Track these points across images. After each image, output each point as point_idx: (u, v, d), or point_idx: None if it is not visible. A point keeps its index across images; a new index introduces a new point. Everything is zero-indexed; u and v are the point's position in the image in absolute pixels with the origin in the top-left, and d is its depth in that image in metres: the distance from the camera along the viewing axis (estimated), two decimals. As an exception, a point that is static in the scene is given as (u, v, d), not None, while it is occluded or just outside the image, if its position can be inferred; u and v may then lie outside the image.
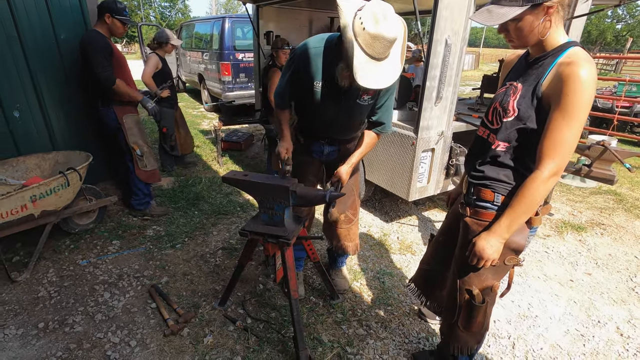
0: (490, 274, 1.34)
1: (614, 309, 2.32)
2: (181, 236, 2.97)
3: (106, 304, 2.18)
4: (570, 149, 1.09)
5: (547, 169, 1.11)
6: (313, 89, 1.70)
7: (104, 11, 2.71)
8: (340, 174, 1.85)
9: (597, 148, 3.09)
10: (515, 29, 1.13)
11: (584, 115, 1.06)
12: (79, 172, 2.49)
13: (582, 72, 1.03)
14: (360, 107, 1.75)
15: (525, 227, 1.27)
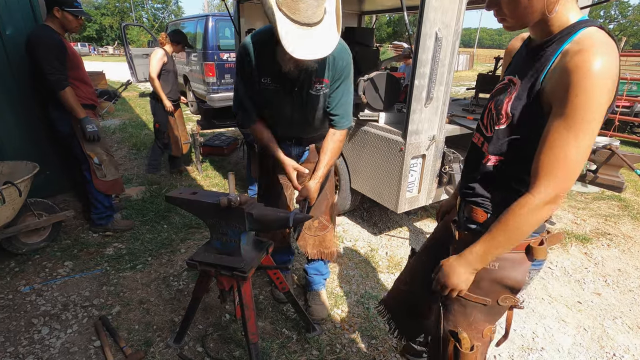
0: (482, 315, 1.07)
1: (630, 338, 2.03)
2: (144, 255, 2.65)
3: (42, 343, 1.86)
4: (575, 169, 0.80)
5: (543, 194, 0.82)
6: (262, 86, 1.57)
7: (52, 4, 2.39)
8: (309, 191, 1.60)
9: (603, 152, 2.81)
10: (508, 1, 0.85)
11: (596, 124, 0.77)
12: (17, 187, 2.17)
13: (594, 65, 0.73)
14: (315, 99, 1.59)
15: (524, 259, 0.99)
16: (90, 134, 2.61)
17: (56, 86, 2.41)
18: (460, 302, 1.07)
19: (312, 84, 1.54)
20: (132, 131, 6.32)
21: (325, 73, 1.54)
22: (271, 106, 1.63)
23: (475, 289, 1.03)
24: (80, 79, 2.61)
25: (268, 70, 1.52)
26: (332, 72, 1.55)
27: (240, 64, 1.57)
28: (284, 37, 1.20)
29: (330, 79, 1.56)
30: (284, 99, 1.59)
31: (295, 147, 1.81)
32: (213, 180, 4.25)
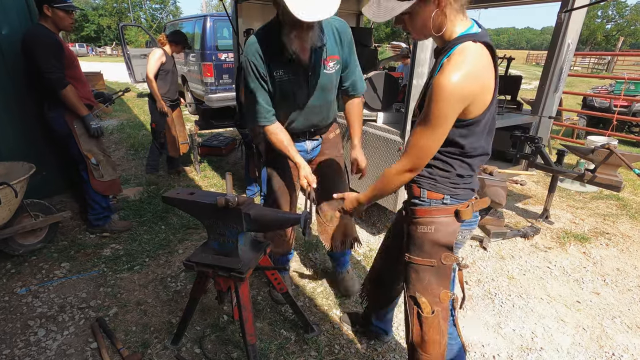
0: (434, 277, 1.24)
1: (629, 338, 2.03)
2: (142, 256, 2.64)
3: (38, 345, 1.84)
4: (426, 154, 1.09)
5: (403, 165, 1.13)
6: (276, 80, 1.60)
7: (41, 3, 2.37)
8: (360, 161, 1.83)
9: (601, 152, 2.82)
10: (409, 22, 1.07)
11: (444, 125, 1.03)
12: (13, 187, 2.15)
13: (445, 81, 0.97)
14: (329, 78, 1.67)
15: (454, 221, 1.19)
16: (94, 131, 2.60)
17: (57, 85, 2.40)
18: (414, 268, 1.26)
19: (324, 63, 1.60)
20: (130, 132, 6.30)
21: (335, 50, 1.62)
22: (289, 99, 1.66)
23: (420, 253, 1.23)
24: (77, 77, 2.59)
25: (278, 63, 1.56)
26: (340, 48, 1.64)
27: (252, 66, 1.57)
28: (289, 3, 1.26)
29: (340, 55, 1.65)
30: (300, 87, 1.63)
31: (309, 142, 1.86)
32: (211, 181, 4.24)
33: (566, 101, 8.71)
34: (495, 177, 2.25)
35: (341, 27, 1.63)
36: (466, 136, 1.09)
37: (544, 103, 3.27)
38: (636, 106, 6.16)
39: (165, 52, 3.80)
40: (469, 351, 1.90)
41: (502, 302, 2.28)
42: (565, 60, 3.14)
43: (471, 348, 1.92)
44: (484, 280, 2.49)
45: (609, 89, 6.83)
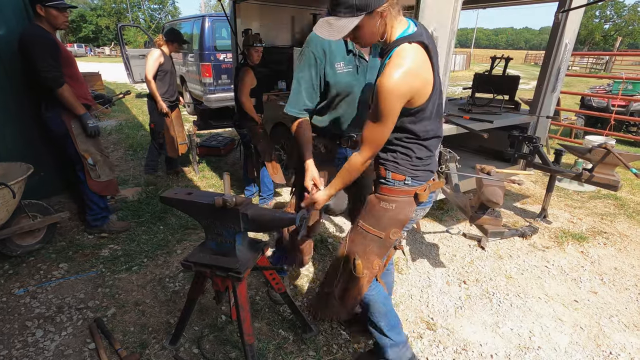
0: (375, 247, 1.43)
1: (626, 336, 2.04)
2: (140, 256, 2.64)
3: (36, 345, 1.84)
4: (380, 143, 1.27)
5: (364, 156, 1.29)
6: (337, 72, 1.57)
7: (33, 3, 2.36)
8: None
9: (599, 151, 2.82)
10: (358, 33, 1.18)
11: (390, 119, 1.19)
12: (11, 188, 2.15)
13: (386, 82, 1.12)
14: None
15: (413, 202, 1.37)
16: (92, 130, 2.60)
17: (53, 84, 2.40)
18: (363, 234, 1.42)
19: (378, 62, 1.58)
20: (129, 132, 6.29)
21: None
22: (345, 92, 1.61)
23: (376, 224, 1.39)
24: (73, 77, 2.58)
25: (341, 55, 1.56)
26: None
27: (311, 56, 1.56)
28: None
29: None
30: (358, 81, 1.60)
31: (350, 150, 1.76)
32: (210, 181, 4.23)
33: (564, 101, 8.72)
34: (492, 177, 2.25)
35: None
36: (415, 122, 1.26)
37: (542, 103, 3.28)
38: (634, 106, 6.18)
39: (163, 52, 3.80)
40: (467, 350, 1.90)
41: (500, 301, 2.29)
42: (562, 60, 3.15)
43: (469, 347, 1.92)
44: (482, 279, 2.50)
45: (607, 89, 6.85)
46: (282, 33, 5.20)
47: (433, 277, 2.52)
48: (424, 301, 2.27)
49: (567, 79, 13.37)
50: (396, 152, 1.34)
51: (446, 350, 1.90)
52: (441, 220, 3.36)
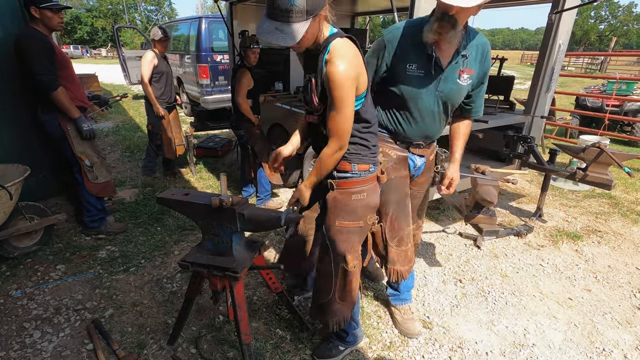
0: (356, 236, 1.53)
1: (619, 333, 2.06)
2: (137, 257, 2.64)
3: (34, 347, 1.85)
4: (346, 133, 1.32)
5: (332, 146, 1.34)
6: (407, 74, 1.52)
7: (28, 5, 2.36)
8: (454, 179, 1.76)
9: (592, 151, 2.86)
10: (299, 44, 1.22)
11: (349, 106, 1.26)
12: (8, 190, 2.15)
13: (336, 70, 1.20)
14: (459, 89, 1.57)
15: (377, 185, 1.53)
16: (87, 133, 2.60)
17: (48, 87, 2.40)
18: (343, 231, 1.48)
19: (459, 73, 1.53)
20: (126, 134, 6.29)
21: (474, 65, 1.54)
22: (413, 97, 1.56)
23: (354, 217, 1.47)
24: (69, 79, 2.59)
25: (416, 56, 1.50)
26: (479, 64, 1.56)
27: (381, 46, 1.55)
28: None
29: (477, 71, 1.56)
30: (428, 89, 1.54)
31: (418, 158, 1.75)
32: (207, 182, 4.24)
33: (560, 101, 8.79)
34: (487, 177, 2.27)
35: (486, 45, 1.56)
36: (365, 110, 1.37)
37: (536, 103, 3.31)
38: (628, 105, 6.23)
39: (157, 54, 3.79)
40: (463, 348, 1.92)
41: (496, 299, 2.31)
42: (556, 61, 3.18)
43: (465, 345, 1.94)
44: (477, 278, 2.52)
45: (602, 89, 6.91)
46: (278, 34, 5.22)
47: (429, 276, 2.54)
48: (420, 300, 2.29)
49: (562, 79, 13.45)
50: (356, 145, 1.42)
51: (442, 348, 1.92)
52: (437, 219, 3.39)
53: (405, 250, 1.78)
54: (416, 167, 1.78)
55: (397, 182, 1.70)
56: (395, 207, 1.71)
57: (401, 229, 1.75)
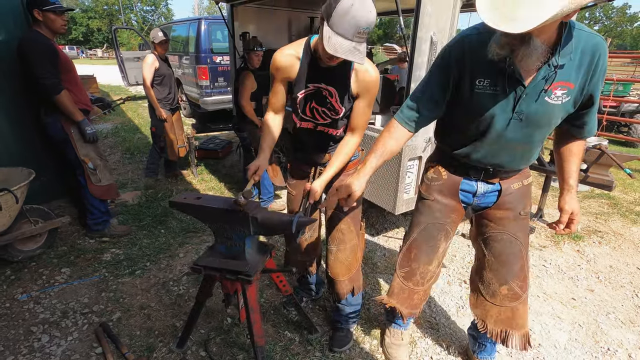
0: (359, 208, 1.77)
1: (623, 333, 2.09)
2: (143, 260, 2.64)
3: (42, 351, 1.84)
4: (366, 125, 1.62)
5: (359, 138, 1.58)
6: (475, 91, 1.21)
7: (31, 7, 2.36)
8: (574, 212, 1.31)
9: (593, 152, 2.89)
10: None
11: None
12: (14, 193, 2.14)
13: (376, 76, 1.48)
14: (550, 110, 1.18)
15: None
16: (90, 136, 2.60)
17: (52, 90, 2.39)
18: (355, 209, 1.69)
19: (550, 88, 1.14)
20: (125, 135, 6.27)
21: (572, 75, 1.13)
22: (481, 119, 1.25)
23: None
24: (73, 82, 2.59)
25: (488, 69, 1.17)
26: (582, 74, 1.14)
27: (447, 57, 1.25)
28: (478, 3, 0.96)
29: (578, 84, 1.15)
30: (503, 110, 1.20)
31: (482, 184, 1.41)
32: (209, 184, 4.24)
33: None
34: None
35: (597, 47, 1.12)
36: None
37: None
38: (625, 107, 6.30)
39: (157, 56, 3.78)
40: (470, 349, 1.94)
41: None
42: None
43: (472, 346, 1.96)
44: (481, 279, 2.54)
45: (598, 90, 6.98)
46: (279, 36, 5.23)
47: (434, 277, 2.55)
48: (426, 301, 2.30)
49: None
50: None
51: (450, 349, 1.93)
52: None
53: (411, 289, 1.58)
54: (477, 194, 1.43)
55: (434, 206, 1.50)
56: (421, 232, 1.53)
57: (416, 261, 1.55)
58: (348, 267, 1.75)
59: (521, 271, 1.46)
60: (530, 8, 0.88)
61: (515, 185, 1.42)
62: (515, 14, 0.89)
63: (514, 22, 0.89)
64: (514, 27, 0.90)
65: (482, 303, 1.54)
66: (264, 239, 2.93)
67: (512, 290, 1.46)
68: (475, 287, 1.58)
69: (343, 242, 1.72)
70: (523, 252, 1.45)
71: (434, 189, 1.50)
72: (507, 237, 1.43)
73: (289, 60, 1.49)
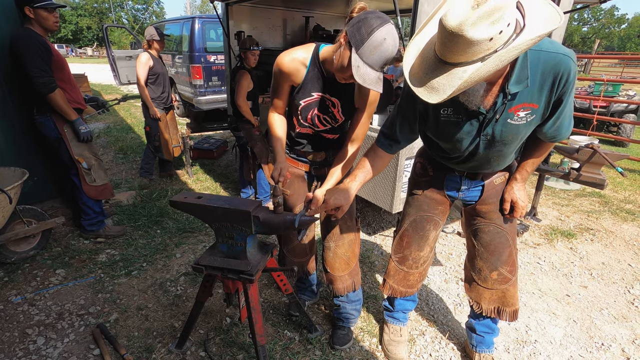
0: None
1: (616, 328, 2.13)
2: (139, 261, 2.62)
3: (38, 353, 1.81)
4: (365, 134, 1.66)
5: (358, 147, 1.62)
6: (441, 120, 1.26)
7: (21, 5, 2.32)
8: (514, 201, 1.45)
9: (586, 151, 2.94)
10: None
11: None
12: (7, 194, 2.11)
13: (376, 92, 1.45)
14: (515, 130, 1.22)
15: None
16: (84, 135, 2.57)
17: (44, 89, 2.36)
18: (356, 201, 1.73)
19: (512, 111, 1.17)
20: (118, 135, 6.19)
21: (535, 97, 1.15)
22: (450, 142, 1.32)
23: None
24: (66, 80, 2.55)
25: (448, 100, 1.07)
26: (544, 95, 1.15)
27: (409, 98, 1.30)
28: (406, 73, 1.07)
29: (541, 104, 1.17)
30: (469, 134, 1.26)
31: (466, 181, 1.50)
32: (204, 184, 4.22)
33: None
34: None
35: (557, 67, 1.10)
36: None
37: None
38: (614, 107, 6.42)
39: (151, 55, 3.75)
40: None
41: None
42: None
43: (469, 342, 1.98)
44: (478, 276, 2.57)
45: (588, 90, 7.10)
46: (274, 35, 5.22)
47: (431, 275, 2.58)
48: (424, 299, 2.33)
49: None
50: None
51: (448, 347, 1.95)
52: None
53: (406, 271, 1.69)
54: (462, 189, 1.52)
55: (422, 200, 1.59)
56: (411, 223, 1.63)
57: (408, 248, 1.66)
58: (347, 261, 1.77)
59: (509, 257, 1.56)
60: (443, 77, 0.97)
61: (498, 181, 1.50)
62: (432, 84, 0.99)
63: (431, 90, 0.99)
64: (432, 97, 0.99)
65: (476, 287, 1.65)
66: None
67: (502, 275, 1.58)
68: (469, 274, 1.69)
69: (341, 237, 1.74)
70: (510, 241, 1.55)
71: (421, 184, 1.60)
72: (493, 228, 1.53)
73: (295, 66, 1.49)
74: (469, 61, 0.92)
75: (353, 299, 1.87)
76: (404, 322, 1.90)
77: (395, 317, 1.89)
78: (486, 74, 0.93)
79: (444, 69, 0.96)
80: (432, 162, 1.56)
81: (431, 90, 0.99)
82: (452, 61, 0.94)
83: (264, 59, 4.93)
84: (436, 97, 0.98)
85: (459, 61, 0.93)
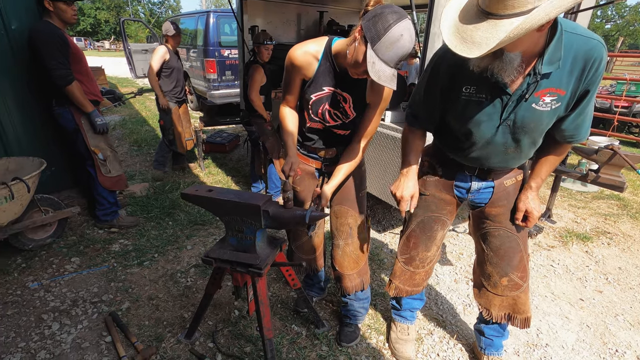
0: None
1: (631, 334, 2.08)
2: (151, 251, 2.66)
3: (53, 338, 1.87)
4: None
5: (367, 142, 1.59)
6: (461, 99, 1.23)
7: None
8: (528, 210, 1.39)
9: (605, 152, 2.85)
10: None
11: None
12: (26, 183, 2.16)
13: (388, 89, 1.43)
14: (538, 116, 1.18)
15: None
16: (100, 127, 2.62)
17: (62, 81, 2.40)
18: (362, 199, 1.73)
19: (538, 95, 1.14)
20: (133, 127, 6.30)
21: (563, 82, 1.12)
22: (469, 125, 1.27)
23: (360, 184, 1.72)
24: (83, 73, 2.60)
25: (472, 76, 1.16)
26: (573, 81, 1.12)
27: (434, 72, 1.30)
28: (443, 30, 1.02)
29: (569, 90, 1.13)
30: (490, 117, 1.22)
31: (476, 181, 1.45)
32: (216, 177, 4.25)
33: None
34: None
35: (591, 53, 1.08)
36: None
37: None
38: (637, 107, 6.21)
39: (169, 49, 3.79)
40: (477, 347, 1.93)
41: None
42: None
43: (478, 344, 1.96)
44: (489, 277, 2.53)
45: (610, 90, 6.88)
46: (288, 30, 5.20)
47: (441, 275, 2.55)
48: (433, 299, 2.31)
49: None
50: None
51: (456, 347, 1.93)
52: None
53: (412, 271, 1.68)
54: (471, 190, 1.47)
55: (430, 200, 1.56)
56: (418, 224, 1.61)
57: (415, 249, 1.64)
58: (356, 260, 1.75)
59: (520, 263, 1.50)
60: (486, 30, 0.93)
61: (508, 182, 1.44)
62: (473, 37, 0.95)
63: (471, 45, 0.95)
64: (470, 51, 0.95)
65: (485, 294, 1.61)
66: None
67: (513, 281, 1.52)
68: (478, 280, 1.64)
69: (351, 235, 1.72)
70: (521, 245, 1.49)
71: (429, 184, 1.56)
72: (503, 232, 1.47)
73: (307, 60, 1.45)
74: (516, 12, 0.90)
75: (361, 297, 1.87)
76: (411, 321, 1.88)
77: (403, 316, 1.88)
78: (531, 26, 0.89)
79: (488, 23, 0.93)
80: (441, 161, 1.52)
81: (472, 45, 0.95)
82: (499, 12, 0.91)
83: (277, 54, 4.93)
84: (477, 51, 0.94)
85: (505, 12, 0.91)
